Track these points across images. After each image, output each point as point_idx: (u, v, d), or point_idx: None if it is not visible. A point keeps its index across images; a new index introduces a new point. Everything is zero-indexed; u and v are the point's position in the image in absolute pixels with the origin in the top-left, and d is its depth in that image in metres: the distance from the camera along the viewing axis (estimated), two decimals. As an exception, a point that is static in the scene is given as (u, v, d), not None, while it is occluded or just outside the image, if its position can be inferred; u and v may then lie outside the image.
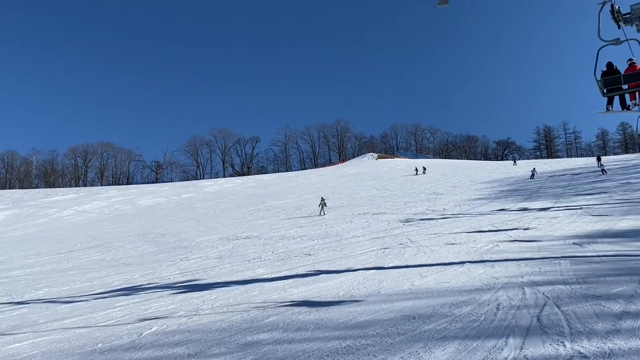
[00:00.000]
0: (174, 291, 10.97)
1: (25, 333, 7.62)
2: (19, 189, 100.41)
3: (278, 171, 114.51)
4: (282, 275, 11.48)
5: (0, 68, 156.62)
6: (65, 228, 46.90)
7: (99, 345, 6.03)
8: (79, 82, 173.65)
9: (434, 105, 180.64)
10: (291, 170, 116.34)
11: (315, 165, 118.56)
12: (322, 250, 15.69)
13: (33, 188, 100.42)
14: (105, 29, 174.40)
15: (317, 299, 7.73)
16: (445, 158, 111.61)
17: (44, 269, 20.23)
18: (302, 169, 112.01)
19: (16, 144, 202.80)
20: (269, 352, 4.83)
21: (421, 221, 20.92)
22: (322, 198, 30.80)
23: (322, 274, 10.86)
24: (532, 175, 39.17)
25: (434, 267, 10.50)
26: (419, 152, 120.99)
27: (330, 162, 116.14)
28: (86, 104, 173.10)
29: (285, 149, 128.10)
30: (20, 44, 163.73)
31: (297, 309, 6.98)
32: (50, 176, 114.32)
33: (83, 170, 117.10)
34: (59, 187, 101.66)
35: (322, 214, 28.38)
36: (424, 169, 56.91)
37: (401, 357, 4.72)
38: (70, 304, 10.87)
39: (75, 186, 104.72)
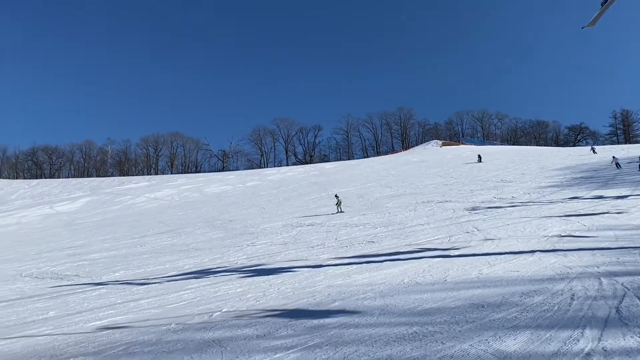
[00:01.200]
0: (241, 275, 11.28)
1: (105, 312, 8.10)
2: (96, 177, 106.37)
3: (340, 159, 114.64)
4: (346, 261, 11.52)
5: (87, 67, 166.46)
6: (138, 214, 49.25)
7: (172, 325, 6.30)
8: (151, 78, 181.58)
9: (501, 90, 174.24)
10: (353, 158, 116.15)
11: (378, 153, 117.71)
12: (386, 237, 15.59)
13: (109, 176, 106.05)
14: (170, 29, 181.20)
15: (381, 286, 7.70)
16: (513, 144, 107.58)
17: (119, 253, 21.34)
18: (364, 157, 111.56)
19: (93, 135, 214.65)
20: (336, 336, 4.87)
21: (488, 209, 20.32)
22: (336, 195, 28.77)
23: (386, 261, 10.80)
24: (617, 164, 35.84)
25: (503, 255, 10.18)
26: (485, 138, 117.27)
27: (392, 150, 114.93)
28: (157, 96, 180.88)
29: (347, 137, 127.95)
30: (106, 47, 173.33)
31: (362, 295, 6.99)
32: (124, 165, 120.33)
33: (154, 159, 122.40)
34: (133, 175, 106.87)
35: (340, 210, 26.88)
36: (479, 157, 54.81)
37: (470, 345, 4.62)
38: (145, 285, 11.43)
39: (147, 174, 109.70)
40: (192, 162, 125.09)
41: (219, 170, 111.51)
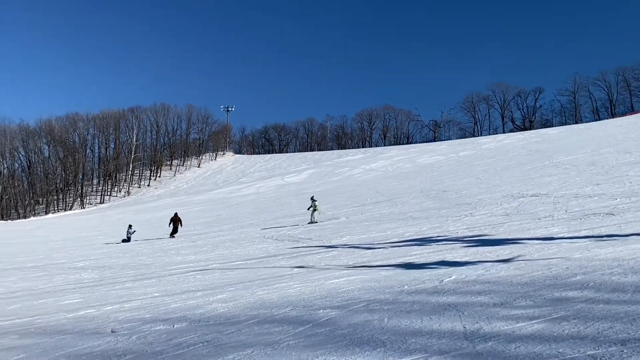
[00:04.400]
0: (464, 244, 11.16)
1: (339, 271, 8.85)
2: (318, 150, 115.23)
3: (565, 124, 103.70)
4: (581, 235, 10.49)
5: (310, 53, 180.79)
6: (355, 185, 52.05)
7: (405, 287, 6.58)
8: (362, 54, 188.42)
9: None
10: (581, 122, 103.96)
11: (612, 115, 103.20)
12: (629, 210, 13.71)
13: (328, 150, 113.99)
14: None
15: (631, 262, 6.85)
16: None
17: (344, 220, 22.87)
18: (596, 120, 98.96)
19: (314, 112, 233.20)
20: (584, 310, 4.52)
21: None
22: (312, 198, 24.40)
23: (633, 235, 9.53)
24: None
25: None
26: None
27: (632, 111, 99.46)
28: (368, 72, 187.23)
29: (574, 98, 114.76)
30: (323, 28, 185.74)
31: (607, 270, 6.31)
32: (341, 139, 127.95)
33: (368, 132, 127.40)
34: (349, 148, 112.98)
35: (313, 219, 22.74)
36: None
37: None
38: (371, 249, 12.12)
39: (362, 147, 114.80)
40: (404, 134, 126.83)
41: (431, 141, 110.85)
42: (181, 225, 25.01)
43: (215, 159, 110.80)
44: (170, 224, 25.04)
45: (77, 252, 20.40)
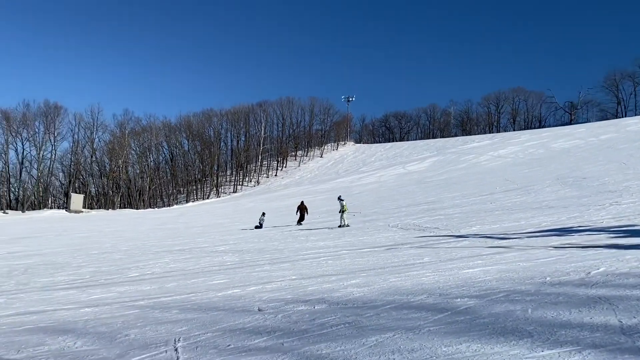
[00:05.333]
0: (610, 235, 10.31)
1: (474, 261, 8.64)
2: (440, 137, 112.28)
3: None
4: None
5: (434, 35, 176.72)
6: (482, 172, 49.99)
7: (547, 278, 6.27)
8: (487, 34, 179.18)
9: None
10: None
11: None
12: None
13: (452, 136, 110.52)
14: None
15: None
16: None
17: (471, 209, 22.18)
18: None
19: (437, 98, 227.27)
20: None
21: None
22: (339, 198, 22.69)
23: None
24: None
25: None
26: None
27: None
28: (500, 52, 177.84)
29: None
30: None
31: None
32: (466, 124, 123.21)
33: (495, 116, 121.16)
34: (475, 134, 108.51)
35: (343, 222, 21.20)
36: None
37: None
38: (505, 239, 11.65)
39: (489, 132, 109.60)
40: (536, 117, 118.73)
41: (566, 124, 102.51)
42: (307, 213, 25.95)
43: (336, 149, 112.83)
44: (297, 211, 26.12)
45: (217, 237, 22.08)
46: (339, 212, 21.81)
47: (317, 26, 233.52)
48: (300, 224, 24.95)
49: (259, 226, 25.78)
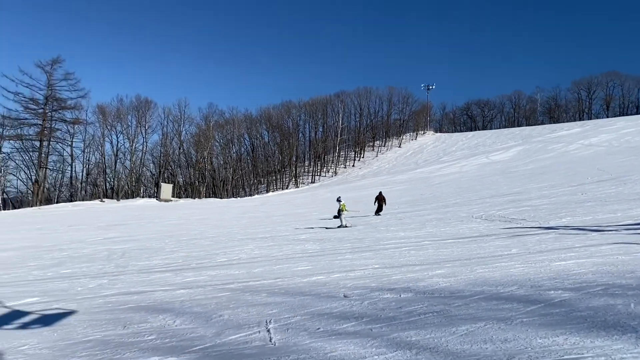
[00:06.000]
0: None
1: (566, 254, 8.26)
2: (526, 126, 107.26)
3: None
4: None
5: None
6: (572, 162, 47.27)
7: (645, 273, 5.91)
8: (575, 17, 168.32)
9: None
10: None
11: None
12: None
13: (538, 124, 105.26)
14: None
15: None
16: None
17: (559, 200, 21.11)
18: None
19: (522, 85, 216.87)
20: None
21: None
22: (338, 199, 21.56)
23: None
24: None
25: None
26: None
27: None
28: (587, 37, 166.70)
29: None
30: None
31: None
32: (554, 112, 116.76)
33: (587, 103, 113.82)
34: (563, 122, 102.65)
35: (342, 223, 20.15)
36: None
37: None
38: (599, 232, 11.01)
39: (579, 120, 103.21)
40: (632, 103, 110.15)
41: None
42: (385, 203, 25.81)
43: (415, 139, 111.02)
44: (375, 202, 26.05)
45: (297, 226, 22.55)
46: (338, 212, 21.24)
47: (396, 15, 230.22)
48: (379, 214, 24.89)
49: (338, 216, 25.98)
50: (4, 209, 64.59)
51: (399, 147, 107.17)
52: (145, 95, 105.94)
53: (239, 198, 78.81)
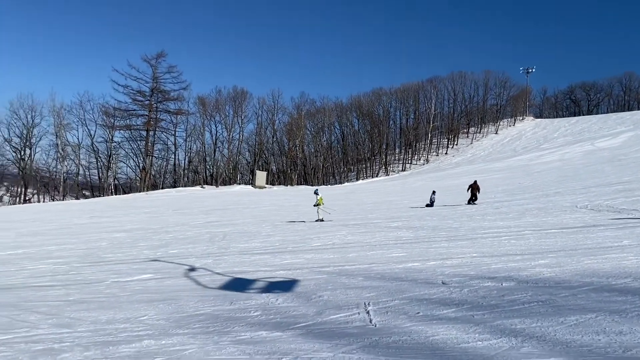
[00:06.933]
0: None
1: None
2: (638, 110, 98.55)
3: None
4: None
5: None
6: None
7: None
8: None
9: None
10: None
11: None
12: None
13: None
14: None
15: None
16: None
17: None
18: None
19: (632, 65, 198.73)
20: None
21: None
22: (315, 192, 21.17)
23: None
24: None
25: None
26: None
27: None
28: None
29: None
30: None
31: None
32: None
33: None
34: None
35: (319, 217, 19.94)
36: None
37: None
38: None
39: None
40: None
41: None
42: (479, 192, 24.98)
43: (513, 125, 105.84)
44: (468, 190, 25.32)
45: (388, 214, 22.49)
46: (314, 205, 20.72)
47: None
48: (474, 203, 24.16)
49: (430, 204, 25.54)
50: (115, 194, 70.36)
51: (496, 133, 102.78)
52: (242, 86, 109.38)
53: (329, 186, 79.77)
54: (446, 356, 3.62)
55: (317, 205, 20.33)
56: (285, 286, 7.00)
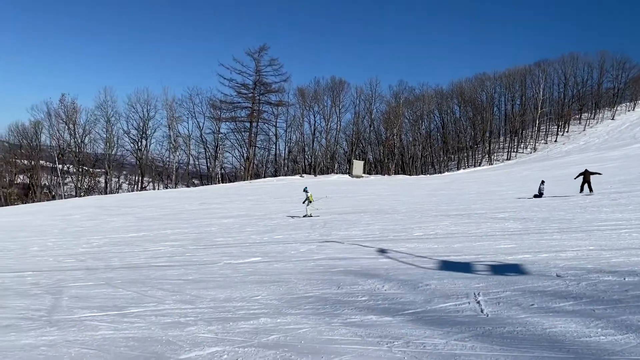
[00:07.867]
0: None
1: None
2: None
3: None
4: None
5: None
6: None
7: None
8: None
9: None
10: None
11: None
12: None
13: None
14: None
15: None
16: None
17: None
18: None
19: None
20: None
21: None
22: (305, 190, 21.50)
23: None
24: None
25: None
26: None
27: None
28: None
29: None
30: None
31: None
32: None
33: None
34: None
35: (307, 213, 20.00)
36: None
37: None
38: None
39: None
40: None
41: None
42: (590, 180, 23.28)
43: (633, 109, 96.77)
44: (577, 177, 23.78)
45: (493, 204, 21.65)
46: (303, 202, 21.06)
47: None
48: (590, 193, 22.57)
49: (539, 195, 24.22)
50: (222, 182, 74.24)
51: (612, 119, 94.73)
52: (340, 76, 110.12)
53: (427, 175, 78.25)
54: (566, 349, 3.49)
55: (308, 201, 20.70)
56: (389, 274, 7.06)
